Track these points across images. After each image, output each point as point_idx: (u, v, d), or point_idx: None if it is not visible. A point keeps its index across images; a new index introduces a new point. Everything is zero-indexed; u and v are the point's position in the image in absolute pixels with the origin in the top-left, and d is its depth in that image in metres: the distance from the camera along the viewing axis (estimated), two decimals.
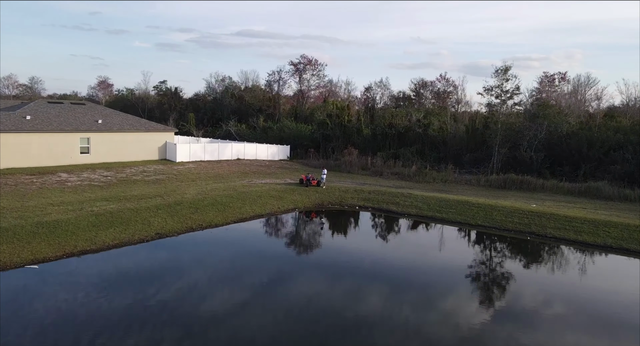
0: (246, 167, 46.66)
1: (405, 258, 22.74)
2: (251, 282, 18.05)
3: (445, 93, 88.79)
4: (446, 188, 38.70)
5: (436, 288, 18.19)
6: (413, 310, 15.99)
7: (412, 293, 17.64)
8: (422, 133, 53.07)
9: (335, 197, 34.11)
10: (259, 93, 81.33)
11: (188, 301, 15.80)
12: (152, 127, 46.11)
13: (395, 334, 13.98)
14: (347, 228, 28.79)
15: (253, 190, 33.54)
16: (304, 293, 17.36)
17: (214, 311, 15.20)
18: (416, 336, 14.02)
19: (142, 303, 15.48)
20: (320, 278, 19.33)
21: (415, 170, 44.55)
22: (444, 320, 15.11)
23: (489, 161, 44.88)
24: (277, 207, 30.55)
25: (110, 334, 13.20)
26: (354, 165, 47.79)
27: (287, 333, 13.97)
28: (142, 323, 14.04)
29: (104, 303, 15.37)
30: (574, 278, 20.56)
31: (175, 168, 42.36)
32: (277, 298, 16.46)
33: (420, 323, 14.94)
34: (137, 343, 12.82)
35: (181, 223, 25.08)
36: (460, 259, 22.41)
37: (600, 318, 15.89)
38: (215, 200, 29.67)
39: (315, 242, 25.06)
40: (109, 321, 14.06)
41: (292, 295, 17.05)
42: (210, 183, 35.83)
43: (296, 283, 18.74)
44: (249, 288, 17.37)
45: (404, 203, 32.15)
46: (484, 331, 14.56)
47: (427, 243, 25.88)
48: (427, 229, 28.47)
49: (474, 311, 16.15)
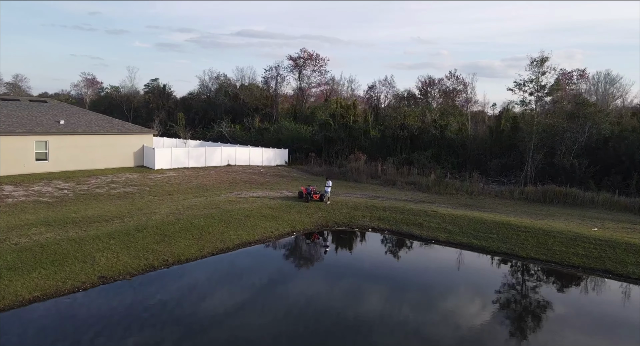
0: (237, 174, 40.18)
1: (453, 320, 16.23)
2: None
3: (455, 91, 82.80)
4: (475, 203, 32.22)
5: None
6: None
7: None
8: (438, 135, 46.60)
9: (342, 215, 27.65)
10: (256, 92, 74.92)
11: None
12: (126, 128, 39.65)
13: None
14: (361, 263, 22.27)
15: (241, 207, 27.07)
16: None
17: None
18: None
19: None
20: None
21: (434, 179, 38.08)
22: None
23: (521, 169, 38.43)
24: (270, 230, 24.09)
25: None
26: (362, 173, 41.34)
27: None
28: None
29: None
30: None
31: (152, 177, 35.88)
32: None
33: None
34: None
35: (138, 260, 18.62)
36: (523, 321, 15.93)
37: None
38: (191, 223, 23.21)
39: (320, 289, 18.58)
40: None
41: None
42: (189, 198, 29.36)
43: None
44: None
45: (428, 225, 25.68)
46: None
47: (475, 291, 19.26)
48: (466, 264, 21.94)
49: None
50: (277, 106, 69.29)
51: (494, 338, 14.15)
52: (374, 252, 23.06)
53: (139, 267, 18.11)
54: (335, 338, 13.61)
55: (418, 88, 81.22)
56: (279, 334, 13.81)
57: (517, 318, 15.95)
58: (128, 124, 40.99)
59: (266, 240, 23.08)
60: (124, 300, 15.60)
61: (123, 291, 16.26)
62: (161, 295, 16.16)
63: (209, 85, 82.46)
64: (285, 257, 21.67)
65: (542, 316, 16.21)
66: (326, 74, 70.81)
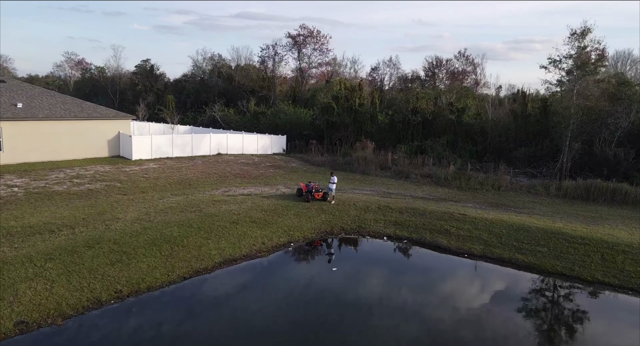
0: (227, 166, 35.17)
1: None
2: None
3: (463, 73, 77.37)
4: (505, 201, 27.29)
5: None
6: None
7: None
8: (454, 120, 41.41)
9: (350, 218, 22.76)
10: (252, 73, 69.32)
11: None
12: (99, 113, 34.46)
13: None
14: (377, 292, 17.36)
15: (227, 210, 22.15)
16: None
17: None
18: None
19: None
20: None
21: (454, 171, 33.08)
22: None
23: (554, 159, 33.39)
24: (262, 241, 19.21)
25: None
26: (370, 164, 36.33)
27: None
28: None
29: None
30: None
31: (127, 170, 30.88)
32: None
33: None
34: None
35: (80, 291, 13.78)
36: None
37: None
38: (161, 234, 18.33)
39: (326, 330, 13.71)
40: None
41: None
42: (166, 197, 24.43)
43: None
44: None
45: (457, 233, 20.78)
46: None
47: (541, 338, 14.41)
48: (516, 291, 17.07)
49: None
50: (274, 88, 63.86)
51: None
52: (393, 271, 18.16)
53: (78, 304, 13.26)
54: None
55: (425, 69, 76.02)
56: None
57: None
58: (101, 108, 35.79)
59: (256, 254, 18.20)
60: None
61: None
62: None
63: (203, 66, 76.73)
64: (280, 281, 16.78)
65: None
66: (328, 52, 65.22)
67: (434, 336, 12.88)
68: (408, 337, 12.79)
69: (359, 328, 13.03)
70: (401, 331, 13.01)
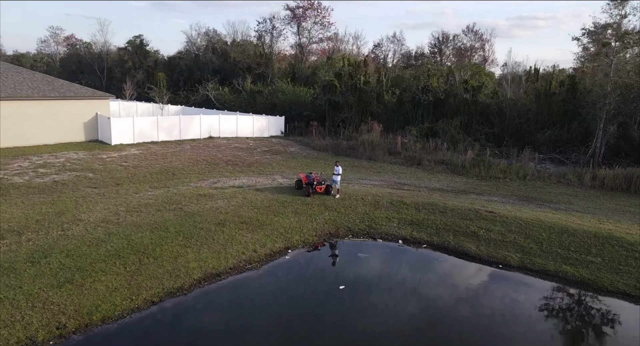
0: (218, 151, 31.60)
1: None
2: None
3: (471, 49, 73.19)
4: (535, 193, 23.84)
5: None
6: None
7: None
8: (469, 99, 37.62)
9: (358, 217, 19.35)
10: (249, 49, 64.95)
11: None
12: (73, 92, 30.66)
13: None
14: (398, 317, 14.01)
15: (213, 207, 18.73)
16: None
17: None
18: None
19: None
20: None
21: (472, 158, 29.53)
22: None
23: (584, 144, 29.81)
24: (252, 248, 15.83)
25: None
26: (377, 149, 32.76)
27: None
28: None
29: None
30: None
31: (104, 157, 27.35)
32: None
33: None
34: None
35: (11, 328, 10.49)
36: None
37: None
38: (129, 241, 14.96)
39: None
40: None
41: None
42: (143, 190, 20.96)
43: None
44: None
45: (487, 236, 17.40)
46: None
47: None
48: (577, 319, 13.74)
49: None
50: (272, 65, 59.63)
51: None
52: (414, 290, 14.81)
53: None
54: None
55: (430, 45, 71.84)
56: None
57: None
58: (76, 86, 31.97)
59: (245, 266, 14.84)
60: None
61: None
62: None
63: (197, 42, 72.14)
64: (273, 305, 13.43)
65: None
66: (329, 26, 60.75)
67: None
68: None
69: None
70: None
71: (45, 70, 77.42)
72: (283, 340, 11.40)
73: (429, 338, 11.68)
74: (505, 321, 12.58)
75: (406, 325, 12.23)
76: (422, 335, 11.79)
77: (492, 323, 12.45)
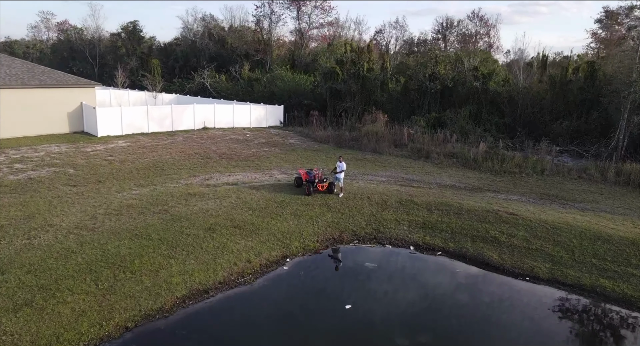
0: (213, 143, 29.59)
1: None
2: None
3: (476, 35, 70.81)
4: (555, 190, 21.89)
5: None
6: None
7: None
8: (479, 87, 35.46)
9: (364, 219, 17.46)
10: (247, 34, 62.45)
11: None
12: (55, 79, 28.53)
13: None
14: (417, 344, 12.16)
15: (203, 209, 16.82)
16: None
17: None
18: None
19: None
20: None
21: (484, 151, 27.54)
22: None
23: (604, 136, 27.78)
24: (246, 257, 13.96)
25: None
26: (382, 140, 30.74)
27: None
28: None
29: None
30: None
31: (89, 150, 25.36)
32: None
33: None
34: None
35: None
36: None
37: None
38: (104, 251, 13.09)
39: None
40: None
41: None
42: (128, 189, 19.02)
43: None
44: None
45: (510, 242, 15.50)
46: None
47: None
48: None
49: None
50: (271, 51, 57.23)
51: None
52: (431, 308, 12.95)
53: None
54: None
55: (434, 31, 69.51)
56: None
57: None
58: (58, 73, 29.80)
59: (237, 280, 12.98)
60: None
61: None
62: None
63: (194, 27, 69.50)
64: (270, 329, 11.58)
65: None
66: (330, 11, 58.20)
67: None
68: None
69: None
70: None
71: (38, 57, 74.87)
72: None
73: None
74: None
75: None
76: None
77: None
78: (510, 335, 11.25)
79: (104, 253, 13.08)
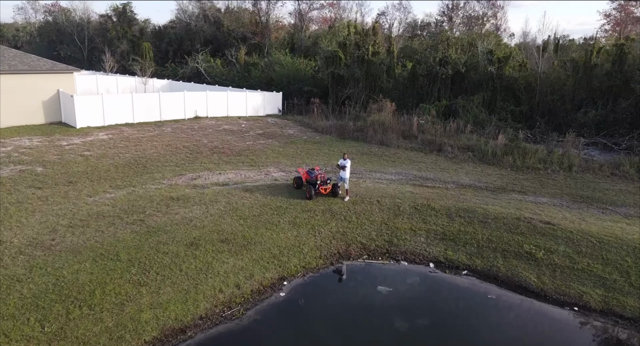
0: (204, 135, 26.96)
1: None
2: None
3: (483, 17, 67.73)
4: (589, 191, 19.35)
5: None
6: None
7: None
8: (494, 73, 32.65)
9: (374, 228, 14.97)
10: (244, 16, 59.16)
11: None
12: (26, 64, 25.75)
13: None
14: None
15: (186, 218, 14.32)
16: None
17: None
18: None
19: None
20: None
21: (504, 143, 24.92)
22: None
23: (637, 126, 25.16)
24: (235, 281, 11.52)
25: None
26: (390, 131, 28.09)
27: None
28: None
29: None
30: None
31: (64, 144, 22.76)
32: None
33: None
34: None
35: None
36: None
37: None
38: (58, 278, 10.67)
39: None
40: None
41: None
42: (102, 191, 16.48)
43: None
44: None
45: (549, 259, 13.04)
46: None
47: None
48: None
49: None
50: (269, 34, 54.12)
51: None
52: (459, 343, 10.56)
53: None
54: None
55: (440, 13, 66.55)
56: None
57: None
58: (32, 57, 26.97)
59: (222, 313, 10.56)
60: None
61: None
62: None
63: (189, 9, 66.08)
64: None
65: None
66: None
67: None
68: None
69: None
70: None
71: (28, 41, 71.55)
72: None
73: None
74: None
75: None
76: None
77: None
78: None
79: (58, 281, 10.63)
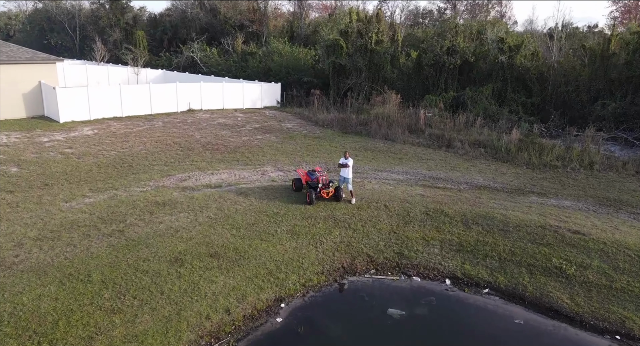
0: (197, 130, 25.30)
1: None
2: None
3: (488, 5, 66.18)
4: (615, 192, 17.76)
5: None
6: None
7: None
8: (505, 62, 30.87)
9: (382, 238, 13.40)
10: (241, 3, 57.04)
11: None
12: (5, 54, 23.97)
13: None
14: None
15: (171, 228, 12.75)
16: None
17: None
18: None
19: None
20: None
21: (518, 138, 23.28)
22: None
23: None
24: (224, 306, 9.94)
25: None
26: (395, 125, 26.45)
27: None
28: None
29: None
30: None
31: (45, 140, 21.11)
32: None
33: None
34: None
35: None
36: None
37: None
38: (15, 306, 9.08)
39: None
40: None
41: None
42: (80, 195, 14.88)
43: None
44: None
45: (582, 276, 11.49)
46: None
47: None
48: None
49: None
50: (267, 22, 52.10)
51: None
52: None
53: None
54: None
55: (444, 0, 64.60)
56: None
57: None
58: (10, 46, 25.19)
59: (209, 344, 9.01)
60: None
61: None
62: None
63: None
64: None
65: None
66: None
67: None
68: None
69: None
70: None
71: (20, 29, 69.41)
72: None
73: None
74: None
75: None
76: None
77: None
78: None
79: (15, 309, 9.07)
